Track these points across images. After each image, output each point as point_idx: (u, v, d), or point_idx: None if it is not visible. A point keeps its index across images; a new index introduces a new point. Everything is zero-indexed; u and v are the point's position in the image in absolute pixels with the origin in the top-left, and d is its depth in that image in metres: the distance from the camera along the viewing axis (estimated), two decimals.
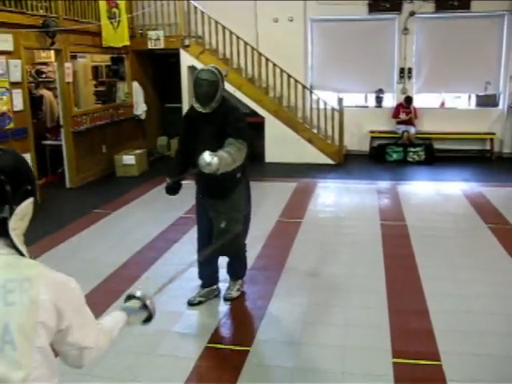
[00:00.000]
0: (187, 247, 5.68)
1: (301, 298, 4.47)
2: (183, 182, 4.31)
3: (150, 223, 6.57)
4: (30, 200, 1.55)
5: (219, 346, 3.77)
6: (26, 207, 1.53)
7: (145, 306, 1.92)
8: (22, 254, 1.51)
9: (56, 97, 9.54)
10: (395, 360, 3.49)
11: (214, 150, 3.77)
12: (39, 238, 6.00)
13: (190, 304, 4.38)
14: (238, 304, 4.40)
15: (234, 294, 4.44)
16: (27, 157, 7.43)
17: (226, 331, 4.01)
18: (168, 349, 3.72)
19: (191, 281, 4.65)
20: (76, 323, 1.54)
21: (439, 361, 3.47)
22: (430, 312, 4.14)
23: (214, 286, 4.51)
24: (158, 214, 6.95)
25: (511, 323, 4.01)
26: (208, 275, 4.49)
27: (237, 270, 4.53)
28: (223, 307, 4.38)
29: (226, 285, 4.56)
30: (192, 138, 4.08)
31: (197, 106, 3.97)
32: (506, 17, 10.31)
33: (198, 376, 3.40)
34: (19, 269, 1.47)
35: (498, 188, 8.17)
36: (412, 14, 10.47)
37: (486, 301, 4.37)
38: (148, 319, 1.95)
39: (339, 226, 6.48)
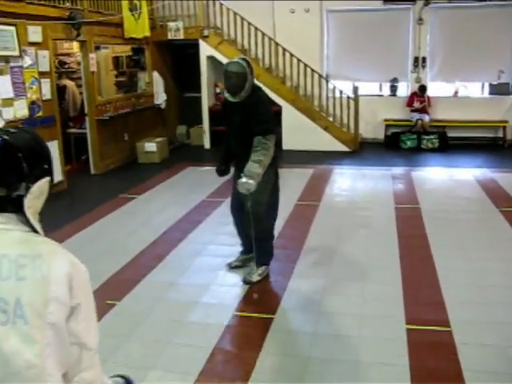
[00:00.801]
0: (211, 227, 6.02)
1: (320, 274, 4.76)
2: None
3: (175, 206, 6.88)
4: (47, 179, 1.56)
5: (246, 314, 4.07)
6: (42, 186, 1.54)
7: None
8: (36, 232, 1.52)
9: (79, 86, 9.88)
10: (408, 326, 3.77)
11: (239, 138, 4.23)
12: (69, 221, 6.36)
13: (229, 267, 4.86)
14: (261, 279, 4.70)
15: (254, 278, 4.59)
16: (55, 144, 7.80)
17: (251, 302, 4.30)
18: (199, 317, 4.02)
19: (216, 257, 5.00)
20: (83, 308, 1.50)
21: (449, 327, 3.75)
22: (442, 286, 4.41)
23: (251, 255, 4.82)
24: (182, 197, 7.27)
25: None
26: (245, 244, 4.87)
27: (259, 255, 4.65)
28: None
29: None
30: (227, 124, 4.52)
31: (227, 95, 4.29)
32: None
33: (228, 340, 3.71)
34: (32, 245, 1.48)
35: (509, 174, 8.36)
36: (426, 4, 10.65)
37: (496, 276, 4.62)
38: None
39: (355, 209, 6.75)
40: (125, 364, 3.37)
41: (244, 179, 3.98)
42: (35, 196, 1.52)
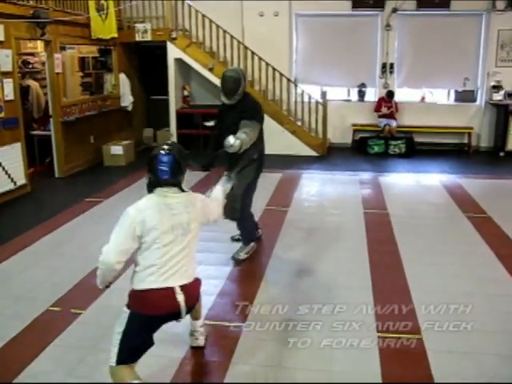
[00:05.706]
0: None
1: (289, 279, 4.76)
2: None
3: None
4: (187, 172, 3.04)
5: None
6: (186, 176, 3.05)
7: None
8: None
9: (43, 87, 9.64)
10: (380, 334, 3.77)
11: (235, 132, 4.60)
12: (32, 226, 6.20)
13: (232, 239, 5.62)
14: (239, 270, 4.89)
15: (241, 256, 5.19)
16: (17, 146, 7.60)
17: (229, 291, 4.35)
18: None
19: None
20: (206, 207, 3.27)
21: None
22: (411, 292, 4.42)
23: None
24: None
25: (478, 286, 4.50)
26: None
27: (243, 235, 5.30)
28: (225, 273, 4.79)
29: None
30: (221, 123, 5.04)
31: (223, 98, 4.86)
32: (483, 16, 10.67)
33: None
34: (189, 198, 3.06)
35: (475, 180, 8.49)
36: (394, 10, 10.76)
37: (463, 281, 4.68)
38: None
39: (324, 213, 6.75)
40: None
41: (231, 137, 4.42)
42: (184, 181, 3.04)
